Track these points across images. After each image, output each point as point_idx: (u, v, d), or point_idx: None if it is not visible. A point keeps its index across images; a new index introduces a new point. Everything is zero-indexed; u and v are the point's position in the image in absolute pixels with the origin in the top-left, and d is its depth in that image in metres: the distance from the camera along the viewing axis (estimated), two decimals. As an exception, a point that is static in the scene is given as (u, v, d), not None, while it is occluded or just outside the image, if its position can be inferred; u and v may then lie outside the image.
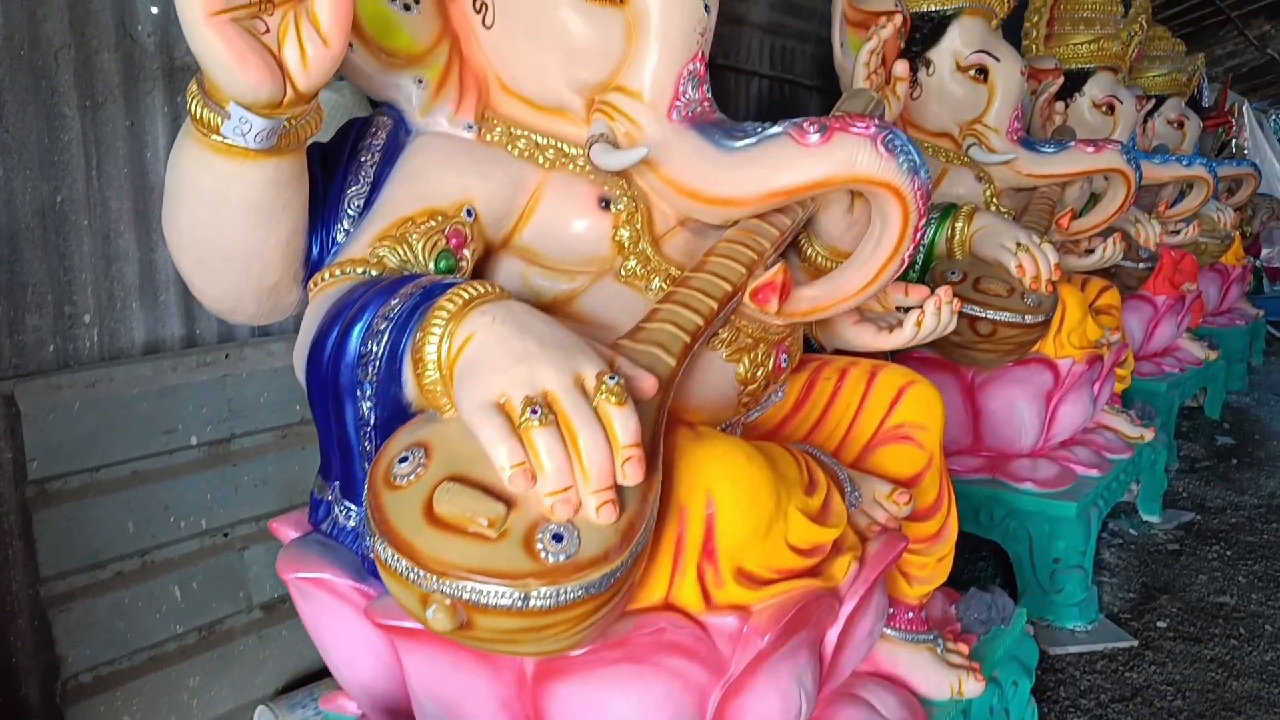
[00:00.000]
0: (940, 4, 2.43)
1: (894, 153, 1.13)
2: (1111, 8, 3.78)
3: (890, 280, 1.26)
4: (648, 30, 1.20)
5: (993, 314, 2.04)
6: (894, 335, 1.50)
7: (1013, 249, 2.09)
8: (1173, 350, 3.87)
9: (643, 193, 1.26)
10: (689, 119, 1.22)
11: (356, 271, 1.07)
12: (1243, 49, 7.63)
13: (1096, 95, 3.69)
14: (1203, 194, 3.93)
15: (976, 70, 2.45)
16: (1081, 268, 2.90)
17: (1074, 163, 2.48)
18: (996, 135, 2.48)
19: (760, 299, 1.21)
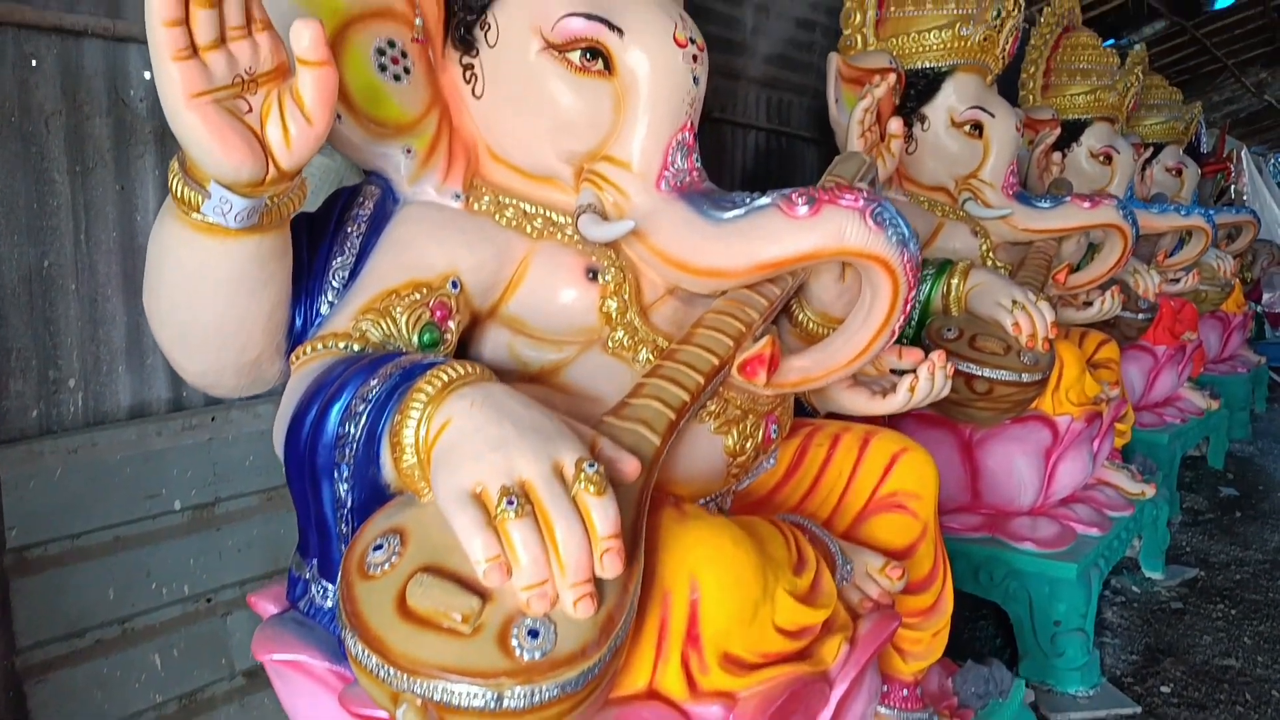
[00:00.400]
0: (935, 61, 2.45)
1: (883, 226, 1.13)
2: (1107, 59, 3.82)
3: (881, 351, 1.26)
4: (636, 101, 1.20)
5: (989, 372, 2.03)
6: (888, 400, 1.50)
7: (1009, 306, 2.08)
8: (1174, 400, 3.85)
9: (631, 262, 1.26)
10: (677, 189, 1.22)
11: (339, 346, 1.06)
12: (1240, 95, 7.70)
13: (1094, 145, 3.71)
14: (1201, 243, 3.93)
15: (971, 126, 2.46)
16: (1080, 320, 2.89)
17: (1070, 218, 2.48)
18: (992, 190, 2.49)
19: (748, 372, 1.20)
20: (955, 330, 2.11)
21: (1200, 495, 3.80)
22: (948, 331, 2.11)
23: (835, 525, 1.44)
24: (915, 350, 1.60)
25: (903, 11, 2.49)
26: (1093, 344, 2.79)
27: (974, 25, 2.42)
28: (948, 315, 2.23)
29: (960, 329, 2.11)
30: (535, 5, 1.18)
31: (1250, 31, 6.07)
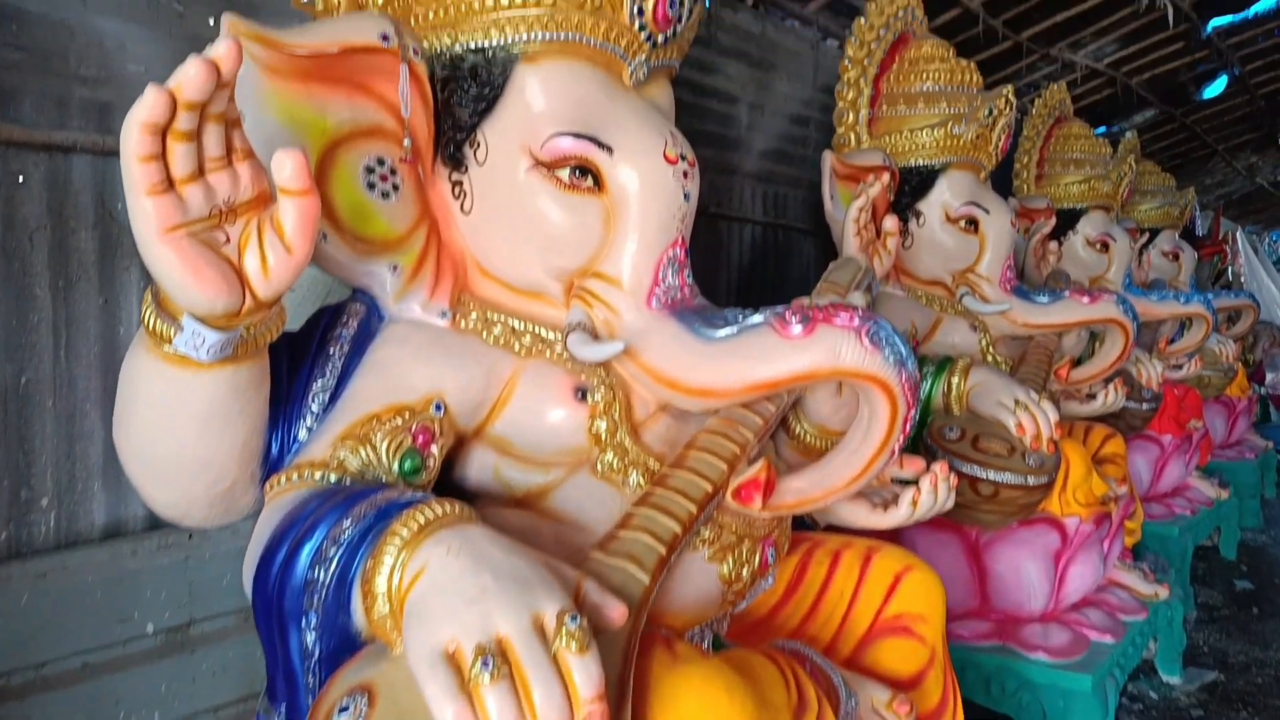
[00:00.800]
0: (928, 158, 2.45)
1: (879, 346, 1.10)
2: (1100, 149, 3.87)
3: (880, 472, 1.21)
4: (627, 218, 1.19)
5: (994, 475, 1.98)
6: (889, 514, 1.45)
7: (1011, 407, 2.05)
8: (1183, 490, 3.78)
9: (621, 380, 1.23)
10: (669, 306, 1.20)
11: (314, 476, 1.01)
12: (1232, 178, 7.80)
13: (1090, 233, 3.73)
14: (1203, 331, 3.92)
15: (966, 221, 2.46)
16: (1084, 414, 2.85)
17: (1069, 313, 2.47)
18: (990, 285, 2.48)
19: (743, 497, 1.15)
20: (958, 431, 2.07)
21: (1215, 589, 3.70)
22: (950, 432, 2.07)
23: (838, 651, 1.37)
24: (917, 460, 1.56)
25: (895, 110, 2.52)
26: (1098, 438, 2.74)
27: (966, 124, 2.44)
28: (949, 414, 2.20)
29: (963, 429, 2.07)
30: (524, 124, 1.17)
31: (1239, 119, 6.18)
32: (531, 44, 1.16)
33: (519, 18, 1.14)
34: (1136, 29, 4.06)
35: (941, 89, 2.50)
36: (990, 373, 2.20)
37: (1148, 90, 4.95)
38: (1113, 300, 2.47)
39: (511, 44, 1.15)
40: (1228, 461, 4.78)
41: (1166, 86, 5.04)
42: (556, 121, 1.16)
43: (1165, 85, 5.00)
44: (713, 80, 2.64)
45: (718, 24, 2.62)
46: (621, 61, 1.22)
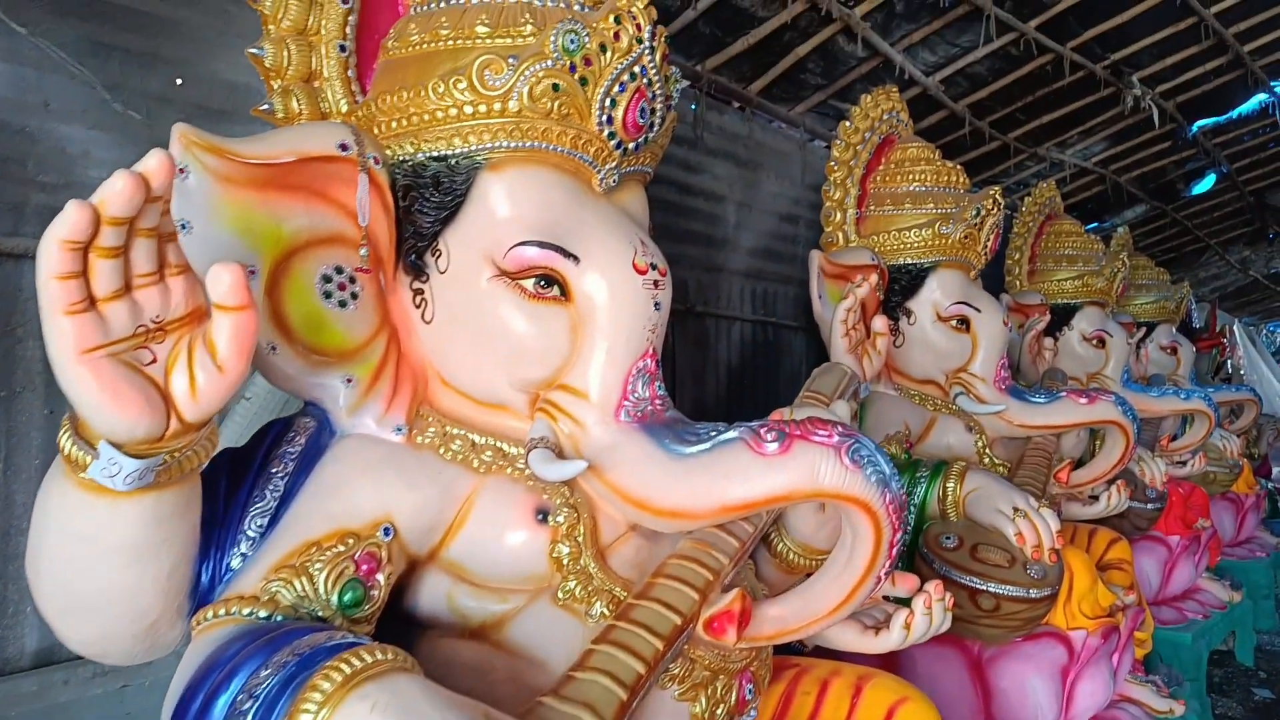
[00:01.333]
0: (916, 258, 2.43)
1: (860, 464, 1.03)
2: (1092, 245, 3.86)
3: (865, 599, 1.13)
4: (594, 329, 1.13)
5: (994, 587, 1.88)
6: (881, 638, 1.36)
7: (1010, 514, 1.96)
8: (1193, 593, 3.64)
9: (588, 500, 1.15)
10: (638, 419, 1.13)
11: (242, 612, 0.92)
12: (1226, 271, 7.83)
13: (1086, 329, 3.69)
14: (1205, 427, 3.84)
15: (958, 320, 2.42)
16: (1086, 517, 2.76)
17: (1066, 414, 2.40)
18: (984, 384, 2.42)
19: (716, 630, 1.06)
20: (955, 539, 1.98)
21: (1233, 699, 3.53)
22: (946, 540, 1.98)
23: (826, 793, 1.26)
24: (910, 576, 1.48)
25: (882, 210, 2.51)
26: (1102, 543, 2.64)
27: (954, 224, 2.41)
28: (945, 521, 2.11)
29: (960, 537, 1.98)
30: (487, 233, 1.13)
31: (1229, 214, 6.23)
32: (496, 152, 1.12)
33: (483, 126, 1.10)
34: (1123, 129, 4.11)
35: (928, 189, 2.49)
36: (987, 477, 2.12)
37: (1137, 187, 4.99)
38: (1111, 400, 2.40)
39: (475, 152, 1.12)
40: (1239, 560, 4.63)
41: (1156, 184, 5.08)
42: (521, 230, 1.12)
43: (1154, 182, 5.05)
44: (699, 180, 2.64)
45: (704, 126, 2.63)
46: (590, 169, 1.18)
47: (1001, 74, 3.17)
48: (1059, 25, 2.96)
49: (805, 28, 2.55)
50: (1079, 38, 3.06)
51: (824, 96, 2.94)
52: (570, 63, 1.08)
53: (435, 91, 1.09)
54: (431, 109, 1.10)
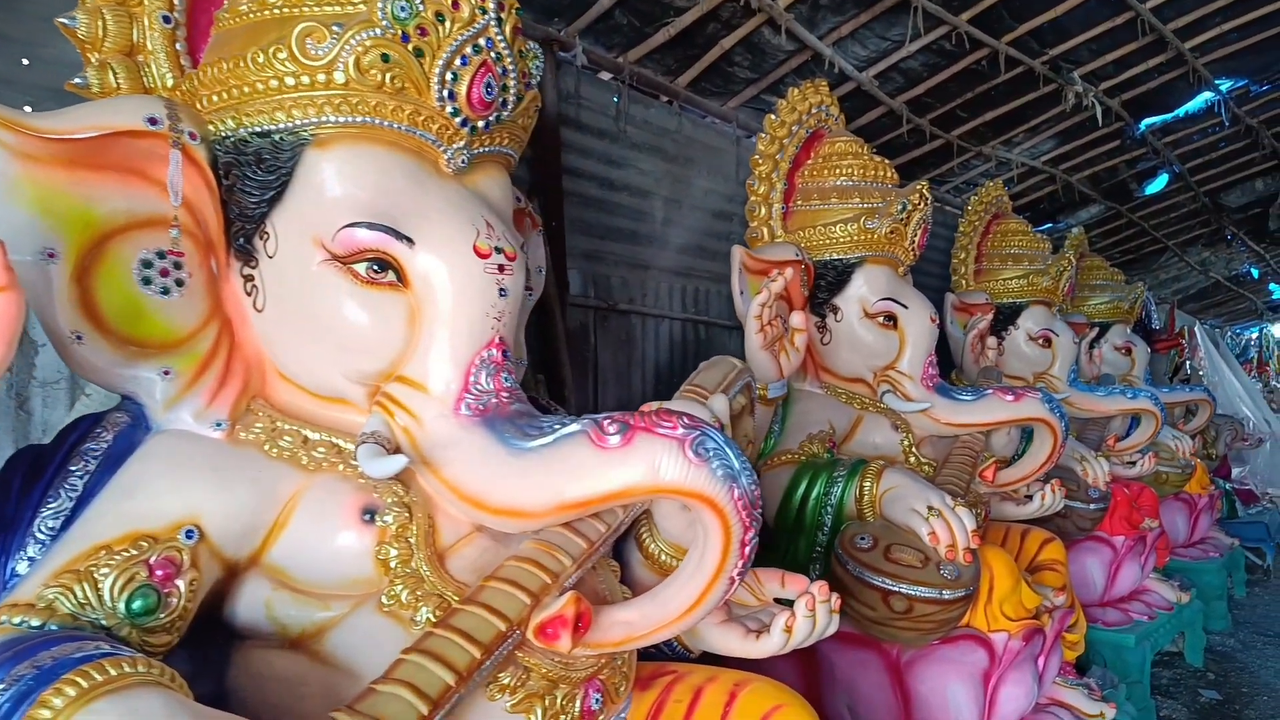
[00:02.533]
0: (843, 253, 2.38)
1: (705, 458, 0.97)
2: (1039, 244, 3.83)
3: (719, 602, 1.06)
4: (433, 316, 1.07)
5: (906, 588, 1.83)
6: (761, 642, 1.30)
7: (924, 514, 1.91)
8: (1140, 594, 3.60)
9: (426, 498, 1.08)
10: (480, 413, 1.06)
11: (13, 621, 0.85)
12: (1186, 273, 7.85)
13: (1032, 329, 3.65)
14: (1151, 427, 3.81)
15: (885, 317, 2.37)
16: (1020, 517, 2.71)
17: (992, 411, 2.35)
18: (911, 382, 2.37)
19: (547, 636, 0.99)
20: (870, 539, 1.92)
21: (1179, 701, 3.49)
22: (861, 540, 1.92)
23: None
24: (799, 578, 1.43)
25: (809, 205, 2.45)
26: (1035, 543, 2.59)
27: (880, 219, 2.35)
28: (863, 521, 2.05)
29: (875, 538, 1.92)
30: (315, 213, 1.06)
31: (1186, 214, 6.23)
32: (324, 127, 1.06)
33: (306, 99, 1.04)
34: (1070, 128, 4.08)
35: (855, 184, 2.44)
36: (905, 476, 2.06)
37: (1089, 187, 4.98)
38: (1038, 398, 2.36)
39: (300, 127, 1.05)
40: (1191, 561, 4.61)
41: (1108, 183, 5.07)
42: (350, 210, 1.05)
43: (1107, 182, 5.03)
44: (624, 175, 2.58)
45: (628, 119, 2.57)
46: (435, 148, 1.11)
47: (937, 69, 3.13)
48: (992, 19, 2.92)
49: (728, 19, 2.49)
50: (1013, 32, 3.01)
51: (756, 91, 2.89)
52: (402, 32, 1.02)
53: (255, 62, 1.02)
54: (252, 80, 1.04)
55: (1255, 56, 3.74)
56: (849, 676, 2.10)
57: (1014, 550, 2.58)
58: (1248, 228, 6.72)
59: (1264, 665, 3.96)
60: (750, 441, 1.61)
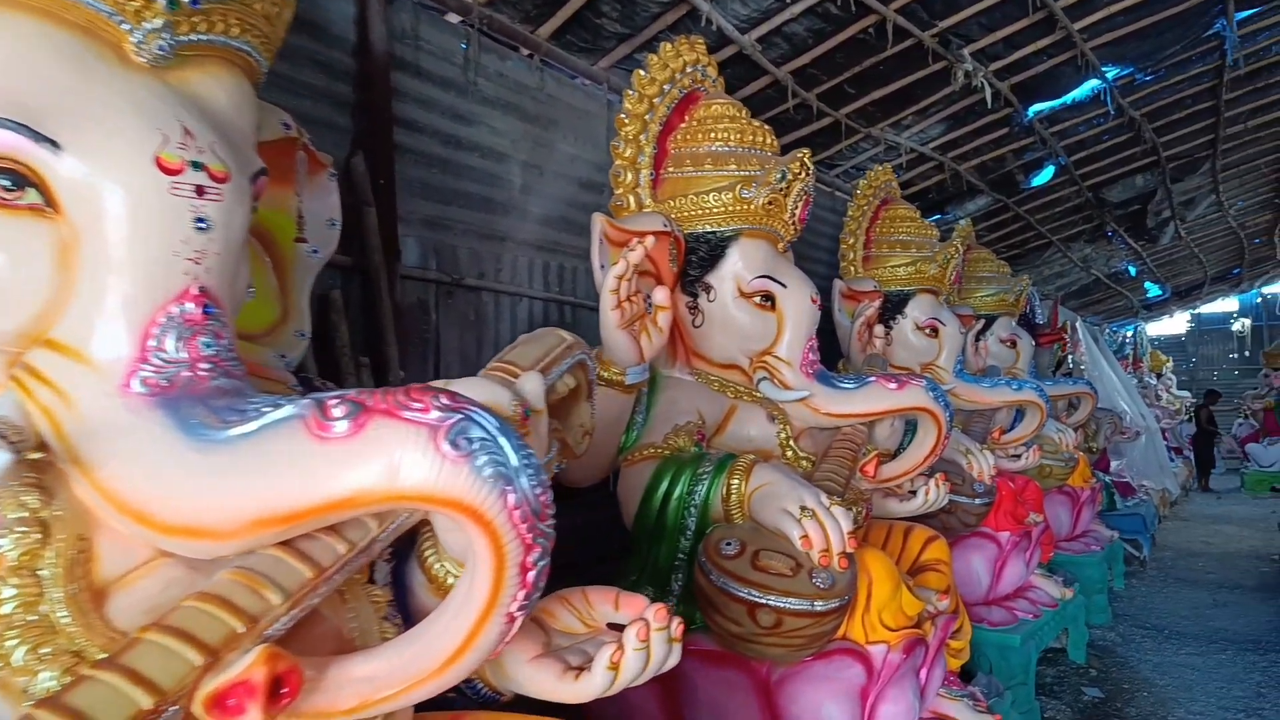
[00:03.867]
0: (717, 225, 2.12)
1: (466, 453, 0.70)
2: (927, 231, 3.69)
3: (494, 647, 0.79)
4: (96, 254, 0.77)
5: (775, 600, 1.60)
6: (581, 682, 1.03)
7: (796, 514, 1.68)
8: (1025, 591, 3.51)
9: (77, 513, 0.77)
10: (159, 390, 0.76)
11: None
12: (1069, 269, 8.01)
13: (919, 318, 3.50)
14: (1037, 419, 3.74)
15: (762, 297, 2.14)
16: (904, 513, 2.54)
17: (875, 401, 2.16)
18: (789, 368, 2.15)
19: (227, 709, 0.70)
20: (736, 545, 1.69)
21: (1062, 701, 3.41)
22: (726, 546, 1.69)
23: None
24: (636, 598, 1.16)
25: (680, 171, 2.19)
26: (918, 542, 2.42)
27: (757, 188, 2.10)
28: (730, 524, 1.82)
29: (742, 543, 1.70)
30: None
31: (1070, 209, 6.30)
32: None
33: None
34: (959, 112, 3.98)
35: (731, 150, 2.17)
36: (777, 472, 1.84)
37: (978, 177, 4.92)
38: (921, 386, 2.18)
39: None
40: (1074, 555, 4.60)
41: (996, 174, 5.03)
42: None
43: (994, 172, 4.99)
44: (473, 133, 2.28)
45: (477, 70, 2.27)
46: (115, 24, 0.81)
47: (823, 36, 2.94)
48: (879, -18, 2.74)
49: (590, -38, 2.23)
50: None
51: (629, 50, 2.64)
52: None
53: None
54: None
55: (1140, 43, 3.70)
56: (712, 699, 1.86)
57: (895, 551, 2.40)
58: (1127, 224, 6.87)
59: (1143, 659, 3.94)
60: (587, 433, 1.35)
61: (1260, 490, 11.03)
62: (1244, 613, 4.77)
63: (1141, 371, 11.65)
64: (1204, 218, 7.49)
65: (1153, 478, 8.15)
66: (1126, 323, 12.39)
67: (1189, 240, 8.36)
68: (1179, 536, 7.46)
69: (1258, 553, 6.65)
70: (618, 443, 1.96)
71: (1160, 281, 10.23)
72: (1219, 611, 4.82)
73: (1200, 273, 10.30)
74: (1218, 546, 7.00)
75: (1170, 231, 7.24)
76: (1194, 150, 5.61)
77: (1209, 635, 4.31)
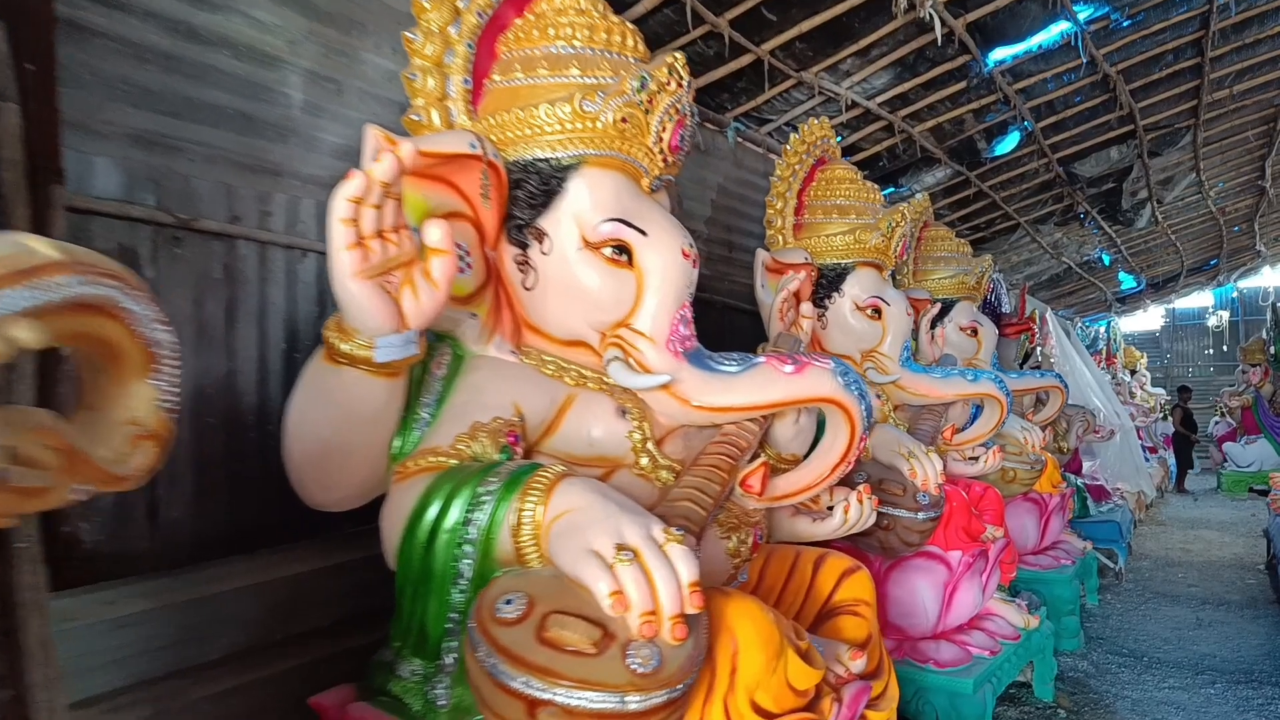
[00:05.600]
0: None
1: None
2: (869, 195, 3.09)
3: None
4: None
5: (562, 695, 1.06)
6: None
7: (609, 557, 1.11)
8: (981, 621, 2.97)
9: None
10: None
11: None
12: (1039, 256, 7.53)
13: (859, 296, 2.87)
14: (996, 415, 3.20)
15: (614, 248, 1.55)
16: (820, 537, 1.98)
17: (762, 389, 1.58)
18: (651, 346, 1.59)
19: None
20: (521, 605, 1.13)
21: (1025, 752, 2.87)
22: (505, 606, 1.15)
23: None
24: None
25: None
26: (831, 576, 1.86)
27: (603, 98, 1.55)
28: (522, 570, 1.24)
29: (530, 601, 1.14)
30: None
31: (1038, 186, 5.79)
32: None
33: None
34: (907, 58, 3.43)
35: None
36: (592, 493, 1.26)
37: (934, 143, 4.38)
38: (828, 369, 1.60)
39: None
40: (1042, 571, 4.08)
41: (955, 140, 4.49)
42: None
43: (953, 137, 4.45)
44: (224, 23, 1.70)
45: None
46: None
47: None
48: None
49: None
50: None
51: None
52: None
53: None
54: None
55: (1118, -28, 3.17)
56: None
57: (801, 588, 1.84)
58: (1101, 205, 6.38)
59: (1120, 695, 3.41)
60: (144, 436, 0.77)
61: (1238, 491, 10.65)
62: (1232, 635, 4.27)
63: (1115, 367, 11.22)
64: (1182, 199, 7.04)
65: (1128, 479, 7.70)
66: (1100, 317, 11.97)
67: (1166, 227, 7.91)
68: (1156, 544, 7.00)
69: (1241, 561, 6.19)
70: (381, 449, 1.38)
71: (1135, 272, 9.81)
72: (1204, 634, 4.32)
73: (1177, 263, 9.89)
74: (1198, 554, 6.54)
75: (1147, 215, 6.77)
76: (1174, 119, 5.11)
77: (1194, 663, 3.80)
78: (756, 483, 1.64)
